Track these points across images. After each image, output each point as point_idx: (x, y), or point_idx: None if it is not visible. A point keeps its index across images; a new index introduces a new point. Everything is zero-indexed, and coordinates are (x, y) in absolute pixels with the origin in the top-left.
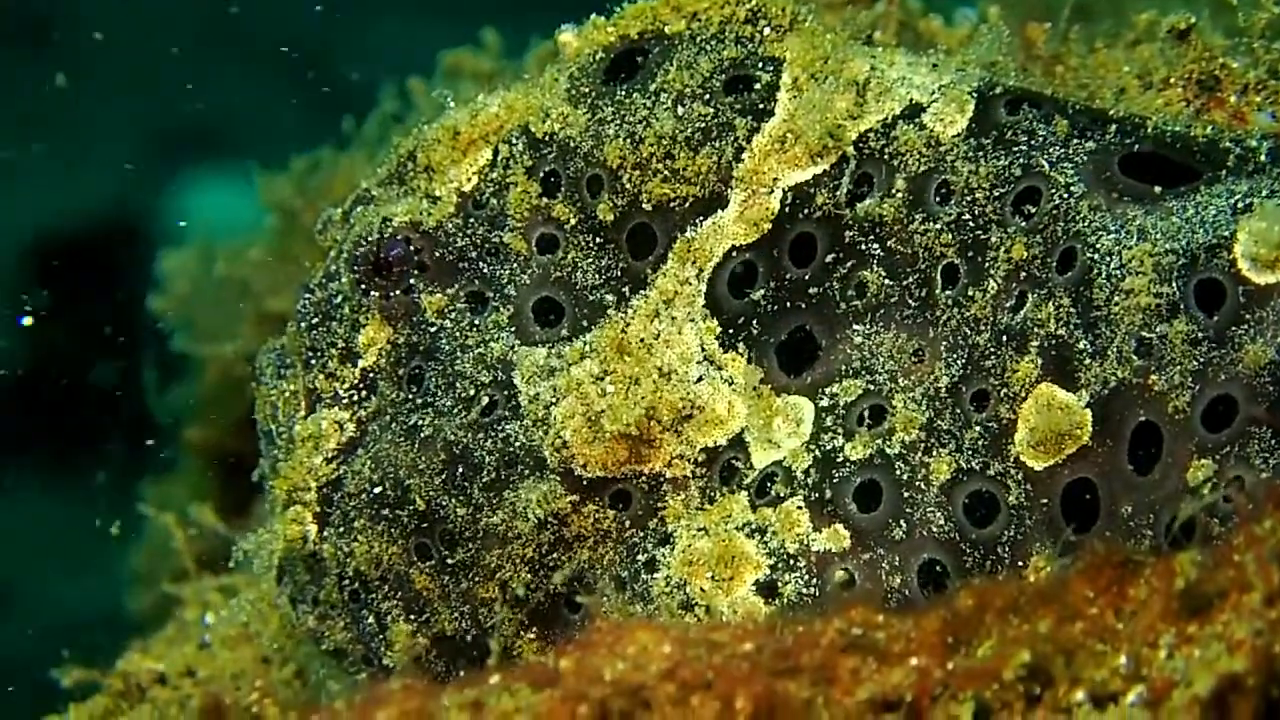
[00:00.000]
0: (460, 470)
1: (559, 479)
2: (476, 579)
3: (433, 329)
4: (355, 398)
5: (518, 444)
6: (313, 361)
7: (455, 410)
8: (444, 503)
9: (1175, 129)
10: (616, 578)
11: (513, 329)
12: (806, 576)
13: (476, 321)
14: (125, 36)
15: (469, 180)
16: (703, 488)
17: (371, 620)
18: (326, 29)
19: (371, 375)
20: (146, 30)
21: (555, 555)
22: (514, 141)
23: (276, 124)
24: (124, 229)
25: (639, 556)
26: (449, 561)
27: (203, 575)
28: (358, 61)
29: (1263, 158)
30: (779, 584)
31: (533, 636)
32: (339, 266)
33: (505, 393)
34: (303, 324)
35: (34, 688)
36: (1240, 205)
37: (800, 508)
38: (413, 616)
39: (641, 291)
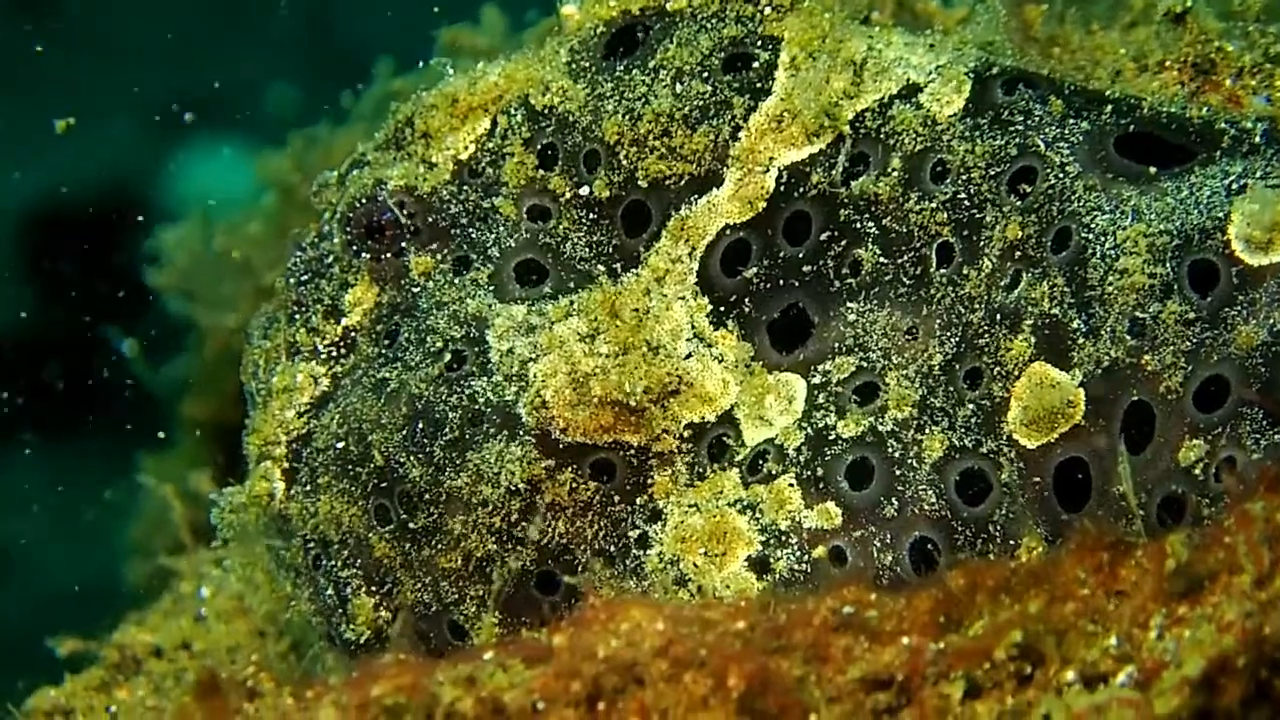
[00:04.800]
0: (420, 426)
1: (534, 442)
2: (439, 547)
3: (415, 289)
4: (334, 353)
5: (483, 401)
6: (296, 316)
7: (422, 364)
8: (402, 460)
9: (1171, 109)
10: (603, 553)
11: (491, 287)
12: (798, 553)
13: (455, 280)
14: (127, 6)
15: (466, 148)
16: (690, 464)
17: (331, 591)
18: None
19: (353, 333)
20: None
21: (525, 525)
22: (513, 113)
23: (278, 95)
24: (124, 199)
25: (629, 532)
26: (409, 526)
27: (199, 548)
28: (359, 31)
29: (1258, 139)
30: (771, 560)
31: (494, 620)
32: (332, 226)
33: (476, 348)
34: (291, 279)
35: (30, 656)
36: (1235, 186)
37: (792, 485)
38: (374, 587)
39: (633, 269)
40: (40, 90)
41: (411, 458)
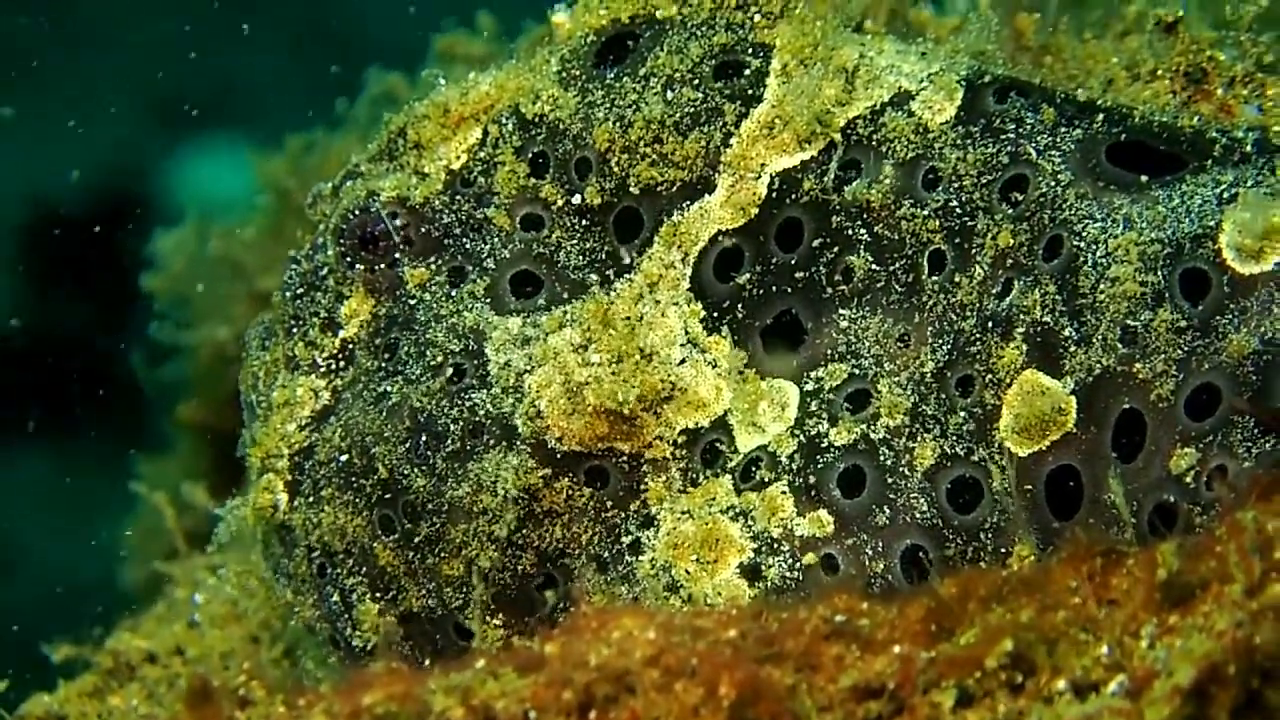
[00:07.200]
0: (424, 439)
1: (530, 451)
2: (442, 555)
3: (411, 301)
4: (333, 366)
5: (483, 413)
6: (294, 330)
7: (423, 378)
8: (406, 472)
9: (1162, 118)
10: (597, 559)
11: (488, 300)
12: (790, 560)
13: (453, 293)
14: (127, 4)
15: (458, 158)
16: (684, 470)
17: (337, 598)
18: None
19: (351, 346)
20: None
21: (524, 532)
22: (504, 121)
23: (279, 93)
24: (123, 198)
25: (622, 538)
26: (413, 536)
27: (193, 554)
28: (359, 30)
29: (1249, 148)
30: (762, 568)
31: (499, 622)
32: (326, 238)
33: (475, 361)
34: (287, 293)
35: (24, 656)
36: (1226, 195)
37: (784, 492)
38: (378, 594)
39: (626, 275)
40: (40, 88)
41: (415, 469)
